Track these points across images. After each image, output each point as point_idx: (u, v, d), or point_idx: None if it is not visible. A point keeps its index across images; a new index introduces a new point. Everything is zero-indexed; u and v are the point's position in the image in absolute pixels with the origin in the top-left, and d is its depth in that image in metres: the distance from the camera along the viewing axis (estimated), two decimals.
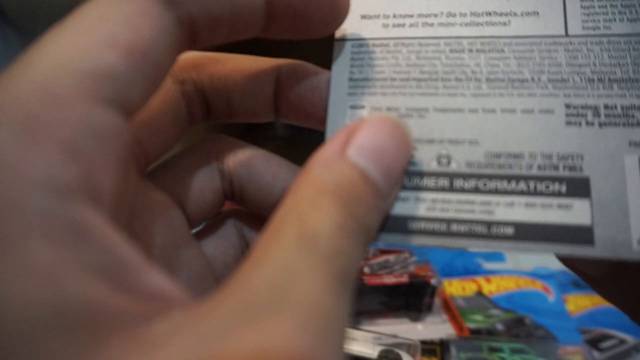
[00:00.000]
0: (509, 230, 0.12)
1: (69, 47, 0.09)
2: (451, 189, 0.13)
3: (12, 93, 0.09)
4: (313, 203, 0.10)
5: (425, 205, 0.13)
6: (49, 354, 0.07)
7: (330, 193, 0.10)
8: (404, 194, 0.13)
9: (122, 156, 0.10)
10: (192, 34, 0.11)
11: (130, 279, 0.09)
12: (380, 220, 0.12)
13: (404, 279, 0.37)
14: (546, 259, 0.45)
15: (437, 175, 0.13)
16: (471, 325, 0.37)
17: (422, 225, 0.13)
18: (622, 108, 0.12)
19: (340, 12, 0.13)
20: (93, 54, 0.09)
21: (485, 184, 0.13)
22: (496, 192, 0.13)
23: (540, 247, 0.12)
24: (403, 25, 0.15)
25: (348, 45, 0.15)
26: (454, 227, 0.12)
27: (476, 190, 0.13)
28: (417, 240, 0.13)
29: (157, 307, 0.09)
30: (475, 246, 0.12)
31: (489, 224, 0.12)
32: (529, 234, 0.12)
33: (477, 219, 0.12)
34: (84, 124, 0.09)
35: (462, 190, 0.13)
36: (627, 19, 0.13)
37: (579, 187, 0.12)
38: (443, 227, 0.12)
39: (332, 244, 0.09)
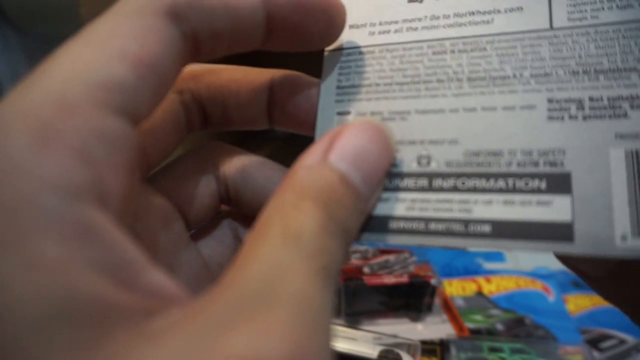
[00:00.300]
0: (486, 228, 0.12)
1: (82, 59, 0.10)
2: (430, 188, 0.13)
3: (29, 101, 0.09)
4: (295, 205, 0.10)
5: (405, 205, 0.13)
6: (56, 347, 0.08)
7: (310, 196, 0.11)
8: (385, 194, 0.13)
9: (129, 162, 0.10)
10: (196, 47, 0.12)
11: (134, 277, 0.09)
12: (360, 222, 0.12)
13: (404, 279, 0.37)
14: (546, 259, 0.45)
15: (417, 175, 0.13)
16: (471, 325, 0.37)
17: (402, 224, 0.13)
18: (609, 99, 0.12)
19: (336, 25, 0.14)
20: (104, 66, 0.10)
21: (463, 183, 0.13)
22: (474, 190, 0.12)
23: (518, 245, 0.12)
24: (388, 31, 0.15)
25: (337, 55, 0.15)
26: (432, 226, 0.12)
27: (455, 189, 0.13)
28: (397, 239, 0.13)
29: (157, 304, 0.09)
30: (453, 244, 0.12)
31: (466, 222, 0.12)
32: (507, 231, 0.12)
33: (455, 217, 0.12)
34: (95, 131, 0.09)
35: (441, 189, 0.13)
36: (617, 7, 0.13)
37: (559, 183, 0.12)
38: (421, 226, 0.13)
39: (315, 242, 0.10)
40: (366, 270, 0.40)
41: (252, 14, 0.12)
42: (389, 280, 0.37)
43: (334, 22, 0.13)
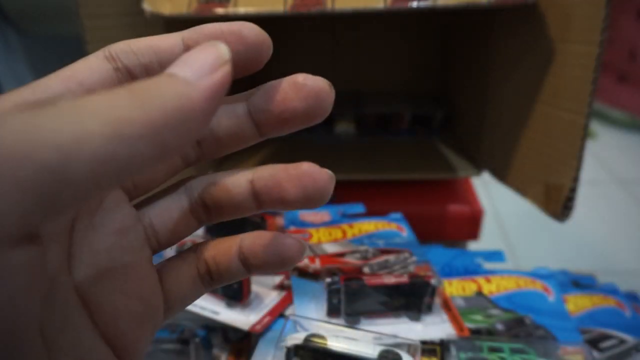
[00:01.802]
0: None
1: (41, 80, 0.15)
2: None
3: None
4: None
5: None
6: None
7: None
8: None
9: None
10: (132, 77, 0.16)
11: None
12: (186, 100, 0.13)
13: (404, 279, 0.37)
14: (546, 259, 0.45)
15: None
16: (471, 325, 0.37)
17: None
18: None
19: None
20: (45, 82, 0.15)
21: None
22: None
23: None
24: None
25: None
26: None
27: None
28: None
29: None
30: None
31: None
32: None
33: None
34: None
35: None
36: None
37: None
38: None
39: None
40: (366, 270, 0.40)
41: (172, 46, 0.16)
42: (389, 280, 0.37)
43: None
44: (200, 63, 0.13)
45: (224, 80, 0.13)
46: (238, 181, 0.17)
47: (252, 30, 0.15)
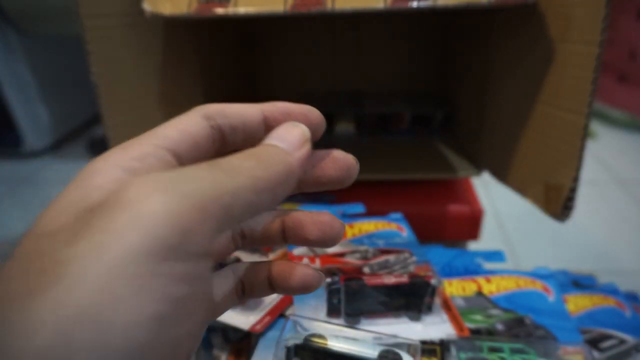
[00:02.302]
0: None
1: (160, 130, 0.18)
2: None
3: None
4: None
5: None
6: None
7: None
8: None
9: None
10: (222, 134, 0.19)
11: None
12: (285, 164, 0.17)
13: (404, 279, 0.37)
14: (546, 259, 0.45)
15: None
16: (471, 325, 0.37)
17: None
18: None
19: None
20: (164, 131, 0.18)
21: None
22: None
23: None
24: None
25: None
26: None
27: None
28: None
29: None
30: None
31: None
32: None
33: None
34: (154, 154, 0.18)
35: None
36: None
37: None
38: None
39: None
40: (366, 270, 0.40)
41: (254, 115, 0.20)
42: (389, 280, 0.37)
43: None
44: (292, 139, 0.19)
45: (308, 152, 0.19)
46: (271, 220, 0.22)
47: (313, 112, 0.20)
